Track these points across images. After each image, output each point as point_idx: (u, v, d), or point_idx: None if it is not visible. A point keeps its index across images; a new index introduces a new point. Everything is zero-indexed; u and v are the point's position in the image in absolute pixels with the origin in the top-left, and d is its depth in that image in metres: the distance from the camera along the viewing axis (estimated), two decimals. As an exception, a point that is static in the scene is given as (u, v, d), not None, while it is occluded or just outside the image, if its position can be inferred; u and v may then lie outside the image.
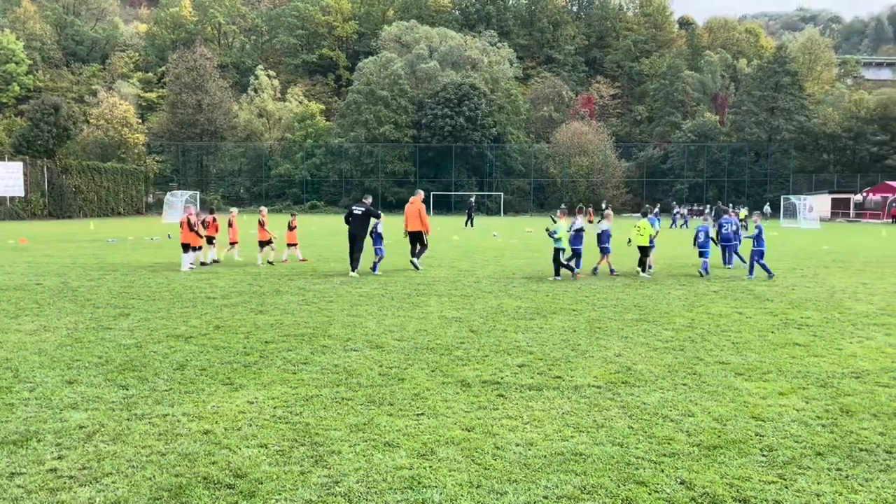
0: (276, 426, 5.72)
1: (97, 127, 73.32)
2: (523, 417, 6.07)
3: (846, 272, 18.14)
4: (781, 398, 6.75)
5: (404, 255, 18.86)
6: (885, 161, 75.30)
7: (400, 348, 8.63)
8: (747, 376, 7.54)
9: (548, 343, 9.06)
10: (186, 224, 17.05)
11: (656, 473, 4.89)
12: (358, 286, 14.44)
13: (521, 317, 10.99)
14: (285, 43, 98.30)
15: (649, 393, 6.86)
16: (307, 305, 11.82)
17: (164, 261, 19.41)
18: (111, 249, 23.57)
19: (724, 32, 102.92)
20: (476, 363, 7.94)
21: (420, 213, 17.59)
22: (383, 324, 10.24)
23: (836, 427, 5.92)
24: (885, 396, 6.83)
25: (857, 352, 8.76)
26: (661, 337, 9.57)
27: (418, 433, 5.60)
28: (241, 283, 14.83)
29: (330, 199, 77.86)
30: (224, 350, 8.39)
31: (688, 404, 6.52)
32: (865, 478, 4.88)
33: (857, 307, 12.31)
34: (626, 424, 5.93)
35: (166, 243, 26.68)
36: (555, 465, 5.02)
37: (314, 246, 25.22)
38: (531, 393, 6.80)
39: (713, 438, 5.61)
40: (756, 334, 9.80)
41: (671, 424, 5.95)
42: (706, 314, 11.46)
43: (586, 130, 78.97)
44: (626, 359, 8.27)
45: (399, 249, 20.96)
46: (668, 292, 14.05)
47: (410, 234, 17.83)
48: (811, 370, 7.82)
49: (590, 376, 7.45)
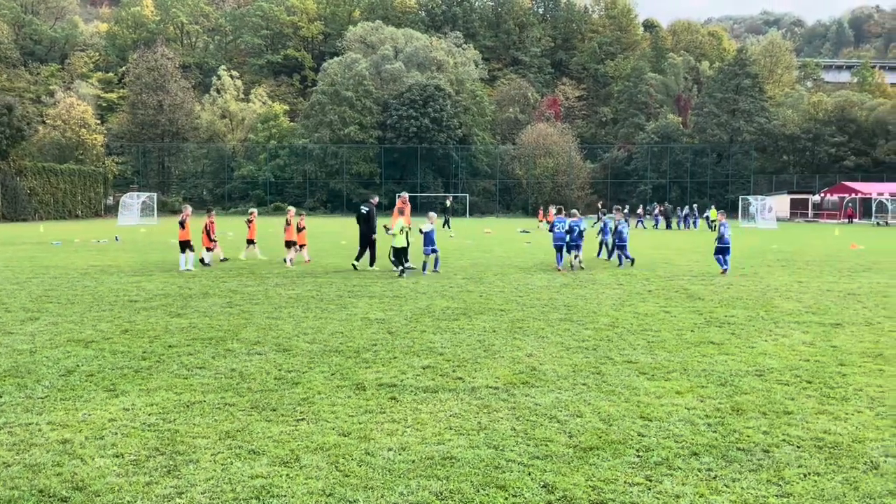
0: (143, 434, 5.48)
1: (54, 128, 71.67)
2: (407, 420, 5.91)
3: (786, 271, 18.35)
4: (677, 397, 6.68)
5: (350, 257, 18.64)
6: (842, 162, 76.85)
7: (308, 351, 8.42)
8: (651, 375, 7.48)
9: (462, 344, 8.92)
10: (180, 224, 17.77)
11: (521, 477, 4.76)
12: (292, 288, 14.18)
13: (445, 318, 10.84)
14: (250, 43, 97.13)
15: (546, 394, 6.75)
16: (230, 308, 11.54)
17: (101, 264, 18.91)
18: (51, 252, 22.92)
19: (688, 35, 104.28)
20: (381, 365, 7.77)
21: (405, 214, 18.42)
22: (301, 326, 10.01)
23: (722, 426, 5.86)
24: (781, 394, 6.80)
25: (768, 350, 8.77)
26: (579, 336, 9.49)
27: (290, 440, 5.41)
28: (172, 285, 14.46)
29: (294, 201, 76.89)
30: (121, 355, 8.09)
31: (580, 405, 6.42)
32: (733, 478, 4.81)
33: (785, 305, 12.40)
34: (509, 426, 5.80)
35: (112, 246, 26.07)
36: (420, 470, 4.86)
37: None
38: (425, 395, 6.65)
39: (593, 440, 5.50)
40: (675, 333, 9.77)
41: (556, 426, 5.83)
42: (633, 313, 11.43)
43: (551, 132, 79.31)
44: (535, 359, 8.16)
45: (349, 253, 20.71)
46: (604, 292, 14.03)
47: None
48: (717, 369, 7.79)
49: (492, 377, 7.31)
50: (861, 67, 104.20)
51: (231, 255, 20.94)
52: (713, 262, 18.47)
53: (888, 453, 5.27)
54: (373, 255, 17.92)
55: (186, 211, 18.52)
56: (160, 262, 19.32)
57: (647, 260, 20.92)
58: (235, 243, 25.20)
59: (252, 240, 20.79)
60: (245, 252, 20.92)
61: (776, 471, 4.92)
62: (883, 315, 11.37)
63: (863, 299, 13.14)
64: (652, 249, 25.73)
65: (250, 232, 20.77)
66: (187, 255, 17.59)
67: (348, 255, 20.08)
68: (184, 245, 17.62)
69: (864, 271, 18.18)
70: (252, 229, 20.78)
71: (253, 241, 20.80)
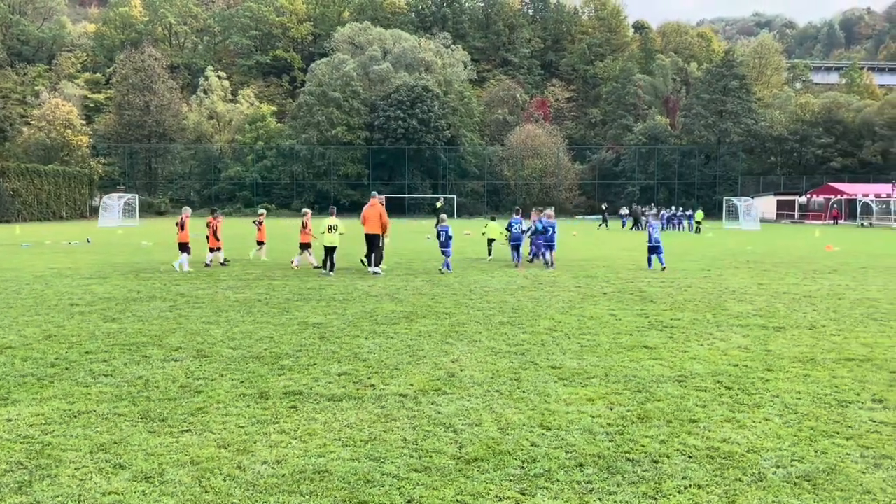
0: (11, 447, 5.28)
1: (39, 128, 71.25)
2: (297, 431, 5.73)
3: (751, 272, 18.22)
4: (587, 405, 6.52)
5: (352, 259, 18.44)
6: (829, 163, 77.00)
7: (227, 358, 8.22)
8: (569, 381, 7.31)
9: (390, 350, 8.74)
10: (180, 225, 18.04)
11: (390, 492, 4.58)
12: (242, 291, 13.97)
13: (386, 322, 10.66)
14: (238, 44, 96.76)
15: (453, 402, 6.58)
16: (169, 312, 11.33)
17: (61, 266, 18.66)
18: (16, 254, 22.66)
19: (677, 37, 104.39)
20: (296, 373, 7.58)
21: (381, 215, 17.33)
22: (232, 331, 9.81)
23: (621, 435, 5.70)
24: (694, 401, 6.65)
25: (700, 354, 8.61)
26: (514, 341, 9.32)
27: (164, 452, 5.22)
28: (122, 288, 14.24)
29: (282, 202, 76.71)
30: (32, 361, 7.89)
31: (484, 413, 6.25)
32: (610, 491, 4.64)
33: (736, 308, 12.26)
34: (401, 437, 5.62)
35: (81, 248, 25.81)
36: (286, 485, 4.68)
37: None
38: (328, 404, 6.46)
39: (482, 450, 5.33)
40: (612, 337, 9.61)
41: (450, 436, 5.66)
42: (578, 316, 11.27)
43: (540, 133, 79.27)
44: (458, 365, 7.98)
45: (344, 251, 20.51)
46: (559, 294, 13.86)
47: (367, 236, 17.40)
48: (640, 374, 7.63)
49: (406, 385, 7.13)
50: (849, 69, 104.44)
51: (232, 256, 20.98)
52: (678, 263, 18.33)
53: (779, 464, 5.12)
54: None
55: (186, 213, 18.92)
56: (122, 265, 19.10)
57: (614, 262, 20.79)
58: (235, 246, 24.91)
59: (262, 241, 21.00)
60: (260, 251, 21.04)
61: (656, 483, 4.76)
62: (830, 318, 11.23)
63: (817, 302, 13.01)
64: (623, 251, 25.61)
65: (260, 233, 20.98)
66: (186, 257, 17.90)
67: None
68: (182, 247, 17.94)
69: (829, 273, 18.07)
70: (262, 230, 21.01)
71: (262, 243, 21.01)
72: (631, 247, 28.06)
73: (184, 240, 17.96)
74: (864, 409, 6.44)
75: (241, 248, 23.43)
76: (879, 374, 7.67)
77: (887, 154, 75.67)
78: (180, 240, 18.05)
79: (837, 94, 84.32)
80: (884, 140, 74.95)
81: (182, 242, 17.99)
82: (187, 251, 17.91)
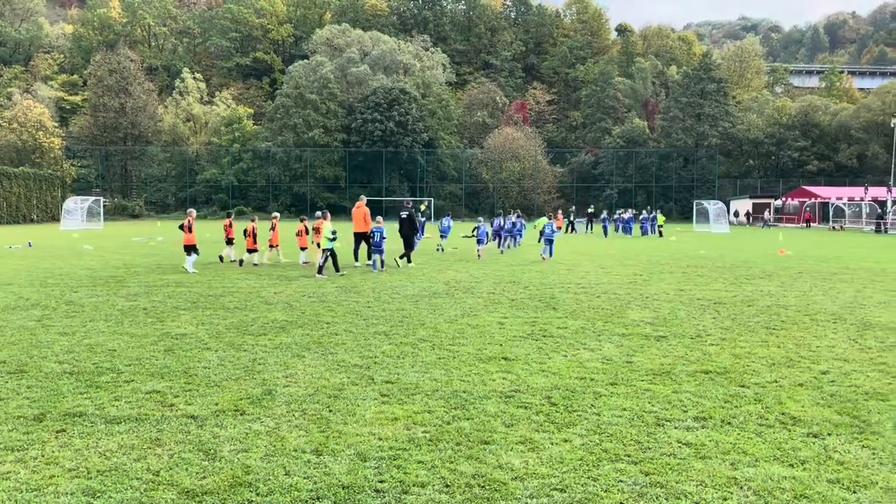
0: None
1: (10, 130, 70.45)
2: (38, 460, 5.25)
3: (680, 278, 17.82)
4: (386, 425, 6.07)
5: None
6: (806, 166, 77.00)
7: (46, 373, 7.73)
8: (390, 398, 6.86)
9: (230, 364, 8.26)
10: (187, 227, 18.26)
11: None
12: (142, 298, 13.46)
13: (254, 332, 10.18)
14: (218, 46, 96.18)
15: (244, 423, 6.12)
16: (34, 322, 10.81)
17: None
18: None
19: (658, 40, 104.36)
20: (104, 391, 7.09)
21: (365, 217, 19.66)
22: (79, 344, 9.29)
23: (392, 461, 5.25)
24: (503, 420, 6.21)
25: (554, 367, 8.18)
26: (371, 353, 8.86)
27: None
28: (13, 295, 13.71)
29: (258, 205, 76.07)
30: None
31: (263, 437, 5.79)
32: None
33: (634, 315, 11.86)
34: (145, 467, 5.15)
35: (21, 252, 25.21)
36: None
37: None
38: (102, 427, 5.99)
39: (222, 483, 4.87)
40: (478, 348, 9.17)
41: (202, 465, 5.19)
42: (465, 325, 10.82)
43: (518, 136, 78.99)
44: (288, 380, 7.52)
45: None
46: (465, 301, 13.38)
47: (356, 235, 19.84)
48: (473, 389, 7.19)
49: (209, 404, 6.67)
50: (829, 72, 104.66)
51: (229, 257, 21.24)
52: (617, 267, 17.90)
53: (536, 494, 4.68)
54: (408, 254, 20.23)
55: (191, 215, 19.10)
56: (41, 270, 18.52)
57: (552, 266, 20.38)
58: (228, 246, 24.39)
59: (274, 244, 21.18)
60: (277, 253, 21.56)
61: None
62: (722, 326, 10.83)
63: (723, 309, 12.61)
64: (576, 255, 25.19)
65: (273, 237, 21.13)
66: (195, 258, 18.23)
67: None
68: (189, 248, 18.14)
69: (758, 278, 17.70)
70: (275, 234, 21.14)
71: (274, 245, 21.22)
72: (587, 251, 27.67)
73: (191, 242, 18.12)
74: (679, 429, 6.02)
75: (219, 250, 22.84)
76: (723, 389, 7.25)
77: (863, 157, 75.76)
78: (187, 242, 18.14)
79: (814, 98, 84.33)
80: (859, 143, 75.01)
81: (190, 245, 18.10)
82: (196, 252, 18.20)
